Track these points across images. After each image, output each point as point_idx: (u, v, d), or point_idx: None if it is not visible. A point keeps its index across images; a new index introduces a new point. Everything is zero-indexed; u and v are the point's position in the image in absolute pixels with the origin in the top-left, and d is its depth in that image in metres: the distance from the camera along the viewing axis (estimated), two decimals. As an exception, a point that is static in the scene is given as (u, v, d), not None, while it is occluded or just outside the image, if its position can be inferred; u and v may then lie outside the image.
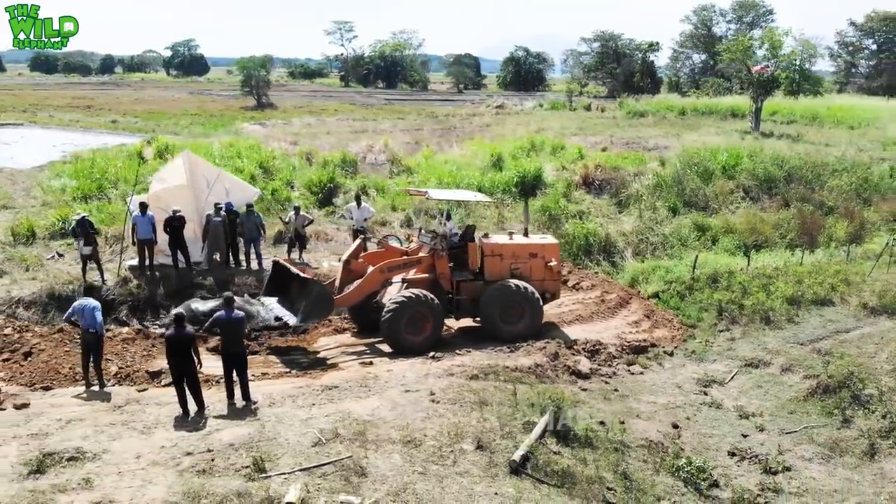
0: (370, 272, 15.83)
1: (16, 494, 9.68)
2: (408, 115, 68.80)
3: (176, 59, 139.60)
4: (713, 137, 45.22)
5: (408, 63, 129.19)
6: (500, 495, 9.81)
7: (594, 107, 75.46)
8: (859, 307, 17.70)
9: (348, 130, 53.15)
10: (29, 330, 16.18)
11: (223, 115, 64.41)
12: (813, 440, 12.87)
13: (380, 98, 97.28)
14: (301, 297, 15.36)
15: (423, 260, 16.22)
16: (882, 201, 27.92)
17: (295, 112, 70.03)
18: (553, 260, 16.62)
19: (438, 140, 45.30)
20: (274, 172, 29.83)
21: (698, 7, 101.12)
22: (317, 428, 11.55)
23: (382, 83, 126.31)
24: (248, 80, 76.65)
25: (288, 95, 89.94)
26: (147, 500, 9.64)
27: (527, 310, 15.96)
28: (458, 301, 16.21)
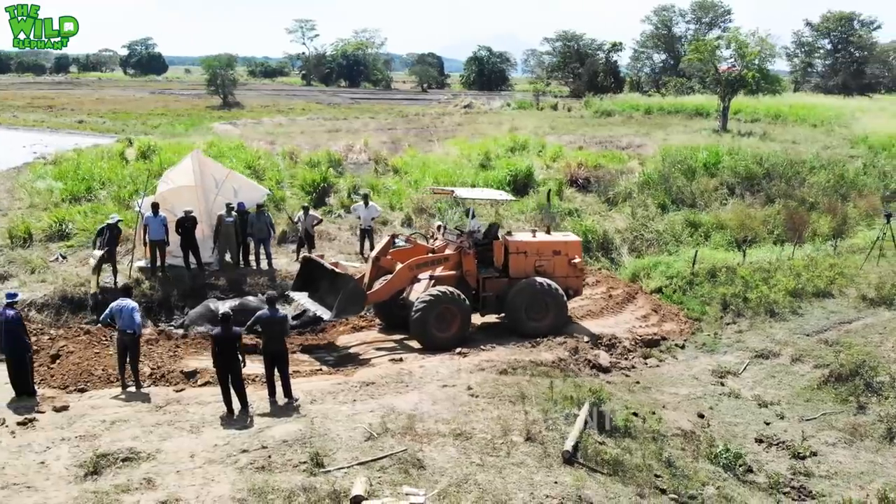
0: (399, 269, 16.09)
1: (79, 496, 9.73)
2: (378, 114, 68.78)
3: (133, 58, 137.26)
4: (682, 136, 46.12)
5: (370, 62, 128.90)
6: (559, 484, 10.13)
7: (560, 106, 76.23)
8: (858, 299, 18.45)
9: (322, 130, 52.96)
10: (44, 332, 16.12)
11: (190, 115, 63.74)
12: (832, 426, 13.44)
13: (345, 97, 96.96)
14: (332, 292, 15.54)
15: (449, 257, 16.51)
16: (859, 197, 28.92)
17: (263, 111, 69.61)
18: (576, 257, 17.01)
19: (415, 139, 45.47)
20: (261, 172, 29.74)
21: (658, 7, 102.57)
22: (365, 423, 11.77)
23: (345, 82, 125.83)
24: (213, 79, 75.85)
25: (251, 94, 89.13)
26: (213, 497, 9.76)
27: (552, 307, 16.31)
28: (483, 297, 16.51)
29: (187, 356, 15.09)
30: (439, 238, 17.61)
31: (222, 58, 77.35)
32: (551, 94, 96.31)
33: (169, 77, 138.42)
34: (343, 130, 52.40)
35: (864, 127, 47.15)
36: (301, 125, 56.74)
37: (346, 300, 15.06)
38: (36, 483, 10.03)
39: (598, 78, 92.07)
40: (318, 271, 16.45)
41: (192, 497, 9.76)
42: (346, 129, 53.97)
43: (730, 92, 52.82)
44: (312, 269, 16.66)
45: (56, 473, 10.31)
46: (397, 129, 54.74)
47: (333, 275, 15.78)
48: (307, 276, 16.69)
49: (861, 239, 24.19)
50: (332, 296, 15.48)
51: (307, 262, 17.12)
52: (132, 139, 39.78)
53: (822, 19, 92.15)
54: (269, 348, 12.54)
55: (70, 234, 21.82)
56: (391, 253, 16.76)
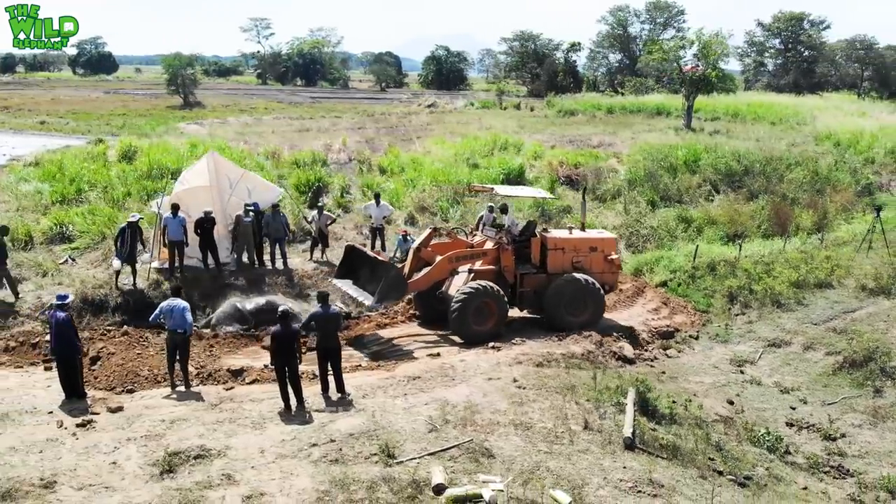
0: (439, 261, 16.52)
1: (162, 494, 9.83)
2: (343, 113, 68.59)
3: (82, 57, 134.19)
4: (649, 135, 47.14)
5: (327, 61, 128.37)
6: (628, 469, 10.58)
7: (523, 106, 77.07)
8: (858, 289, 19.32)
9: (291, 129, 52.69)
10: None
11: (152, 115, 62.83)
12: (854, 409, 14.17)
13: (305, 96, 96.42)
14: (374, 280, 15.91)
15: (488, 252, 16.90)
16: (834, 192, 30.09)
17: (225, 111, 68.95)
18: (613, 253, 17.50)
19: (390, 139, 45.63)
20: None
21: (614, 7, 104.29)
22: (423, 415, 12.07)
23: (301, 81, 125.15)
24: (174, 78, 74.82)
25: (209, 93, 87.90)
26: (296, 490, 9.96)
27: (590, 302, 16.79)
28: (521, 293, 16.93)
29: (224, 355, 15.20)
30: (477, 233, 18.04)
31: (182, 57, 76.26)
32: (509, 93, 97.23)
33: (120, 77, 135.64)
34: (313, 130, 52.23)
35: (823, 125, 48.84)
36: (269, 125, 56.32)
37: (387, 287, 15.43)
38: (113, 483, 10.10)
39: (558, 78, 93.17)
40: (359, 260, 16.78)
41: (275, 491, 9.95)
42: (315, 128, 53.78)
43: (694, 91, 54.13)
44: (355, 257, 16.98)
45: (130, 473, 10.38)
46: (367, 128, 54.68)
47: (375, 263, 16.11)
48: (350, 264, 17.02)
49: (844, 232, 25.25)
50: (373, 283, 15.93)
51: (350, 250, 17.47)
52: (103, 140, 39.45)
53: (774, 19, 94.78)
54: (323, 344, 12.74)
55: (71, 236, 21.65)
56: (432, 245, 17.13)
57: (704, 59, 53.88)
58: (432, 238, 17.42)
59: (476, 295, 15.90)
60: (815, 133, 44.50)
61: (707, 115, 62.35)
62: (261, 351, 15.80)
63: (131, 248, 17.47)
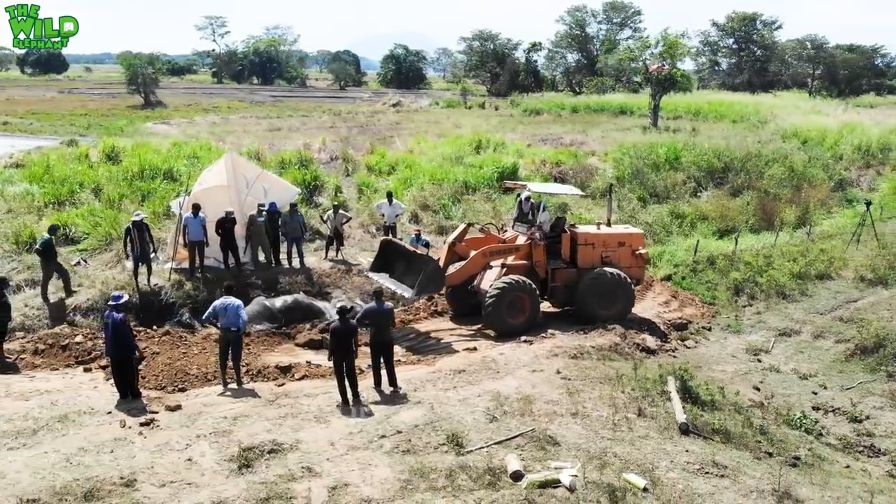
0: (473, 255, 16.95)
1: (248, 488, 10.02)
2: (309, 112, 68.36)
3: (31, 56, 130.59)
4: (618, 133, 48.17)
5: (284, 59, 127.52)
6: (691, 452, 11.10)
7: (488, 105, 77.71)
8: (857, 280, 20.21)
9: (262, 129, 52.38)
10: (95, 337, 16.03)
11: (114, 115, 61.84)
12: (871, 392, 14.93)
13: (265, 95, 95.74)
14: (410, 273, 16.33)
15: (521, 247, 17.31)
16: (811, 188, 31.23)
17: (188, 110, 68.15)
18: (640, 248, 18.03)
19: (362, 137, 45.73)
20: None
21: (572, 8, 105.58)
22: (481, 406, 12.44)
23: (257, 80, 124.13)
24: (134, 78, 73.65)
25: (166, 92, 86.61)
26: (378, 479, 10.24)
27: (621, 295, 17.29)
28: (552, 288, 17.37)
29: (262, 353, 15.31)
30: (509, 229, 18.46)
31: (142, 56, 75.19)
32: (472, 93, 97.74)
33: (70, 76, 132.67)
34: (284, 129, 52.07)
35: (788, 123, 50.39)
36: (237, 124, 55.92)
37: (426, 279, 15.76)
38: (194, 479, 10.24)
39: (520, 78, 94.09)
40: (394, 253, 17.09)
41: (358, 481, 10.21)
42: (286, 127, 53.62)
43: (660, 91, 55.35)
44: (389, 251, 17.32)
45: (209, 469, 10.53)
46: (338, 127, 54.65)
47: (414, 256, 16.48)
48: (384, 258, 17.37)
49: (829, 226, 26.31)
50: (409, 276, 16.30)
51: (385, 244, 17.84)
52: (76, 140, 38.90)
53: (728, 19, 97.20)
54: (377, 339, 12.99)
55: (75, 238, 21.45)
56: (466, 240, 17.54)
57: (671, 59, 55.15)
58: (466, 233, 17.80)
59: (510, 289, 16.33)
60: (780, 131, 45.86)
61: (669, 113, 63.75)
62: (295, 348, 16.00)
63: (142, 247, 17.45)
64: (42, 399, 12.62)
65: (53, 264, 17.11)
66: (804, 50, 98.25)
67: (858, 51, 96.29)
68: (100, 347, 15.53)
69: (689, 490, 10.03)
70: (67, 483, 9.97)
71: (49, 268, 17.05)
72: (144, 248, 17.70)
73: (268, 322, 16.72)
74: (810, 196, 30.16)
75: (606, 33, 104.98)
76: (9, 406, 12.36)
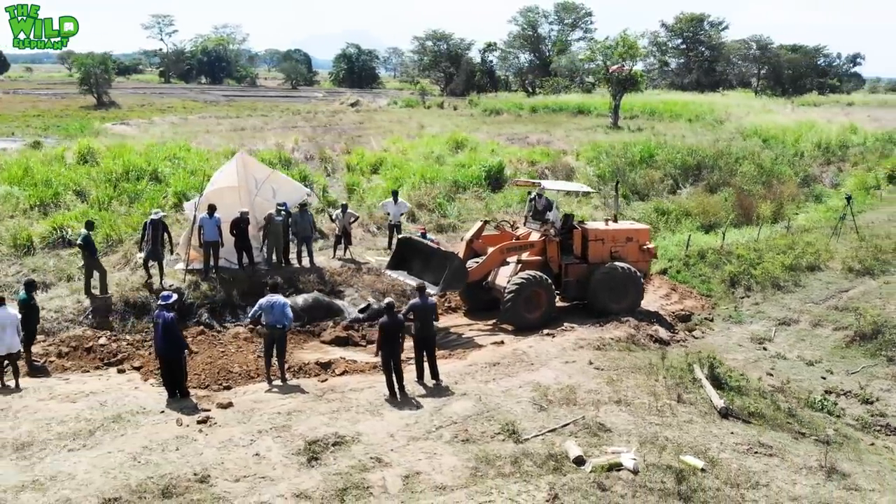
0: (491, 252, 17.39)
1: (324, 479, 10.29)
2: (268, 112, 67.88)
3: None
4: (581, 133, 49.10)
5: (233, 58, 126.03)
6: (736, 434, 11.73)
7: (446, 105, 78.18)
8: (845, 271, 21.24)
9: (225, 129, 51.81)
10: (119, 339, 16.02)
11: (69, 115, 60.57)
12: (876, 376, 15.78)
13: (217, 94, 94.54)
14: (429, 269, 16.72)
15: (535, 244, 17.77)
16: (780, 184, 32.50)
17: (142, 111, 67.02)
18: (647, 243, 18.65)
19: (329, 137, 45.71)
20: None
21: (524, 8, 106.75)
22: (525, 397, 12.88)
23: (206, 79, 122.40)
24: (86, 78, 72.15)
25: (116, 92, 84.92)
26: (447, 467, 10.61)
27: (631, 289, 17.87)
28: (565, 283, 17.86)
29: (294, 351, 15.44)
30: (520, 226, 18.90)
31: (95, 56, 73.56)
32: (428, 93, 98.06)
33: (11, 76, 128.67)
34: (248, 129, 51.68)
35: (746, 121, 52.05)
36: (198, 124, 55.21)
37: (451, 276, 16.11)
38: (267, 473, 10.45)
39: (476, 78, 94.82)
40: (411, 251, 17.41)
41: (428, 469, 10.55)
42: (249, 127, 53.21)
43: (620, 91, 56.62)
44: (406, 248, 17.66)
45: (279, 462, 10.74)
46: (301, 127, 54.39)
47: (436, 253, 16.84)
48: (401, 255, 17.69)
49: (805, 220, 27.48)
50: (428, 273, 16.59)
51: (403, 242, 18.10)
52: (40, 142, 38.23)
53: (676, 20, 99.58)
54: (421, 333, 13.31)
55: (72, 240, 21.17)
56: (482, 237, 18.03)
57: (631, 60, 56.50)
58: (483, 230, 18.21)
59: (528, 284, 16.80)
60: (740, 130, 47.37)
61: (625, 113, 65.11)
62: (322, 346, 16.20)
63: (154, 246, 17.48)
64: (89, 400, 12.63)
65: (94, 259, 17.08)
66: (748, 50, 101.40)
67: (802, 51, 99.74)
68: (126, 349, 15.60)
69: (744, 468, 10.63)
70: (142, 481, 10.10)
71: (91, 263, 17.04)
72: (156, 248, 17.69)
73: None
74: (782, 192, 31.40)
75: (558, 34, 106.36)
76: (57, 408, 12.36)
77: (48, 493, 9.83)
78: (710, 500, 9.79)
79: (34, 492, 9.85)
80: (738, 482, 10.25)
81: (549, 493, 9.88)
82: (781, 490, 10.15)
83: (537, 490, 10.00)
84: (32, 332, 14.52)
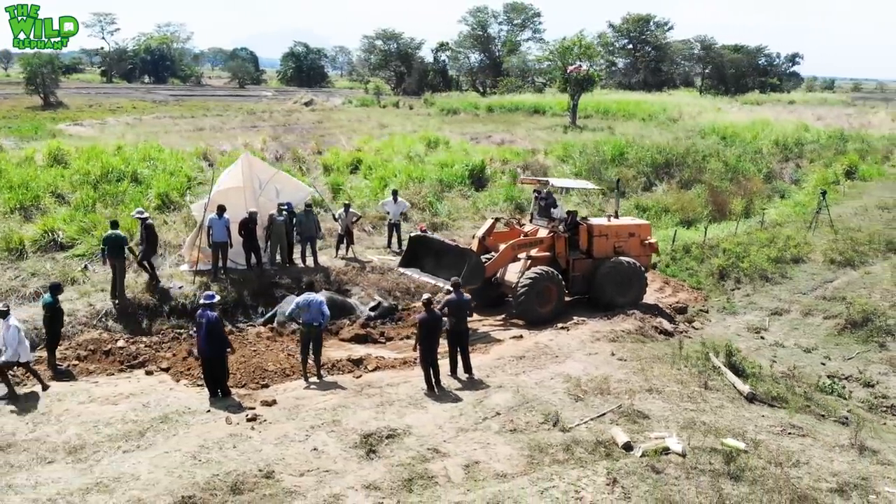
0: (503, 249, 17.91)
1: (388, 470, 10.56)
2: (223, 112, 67.13)
3: None
4: (541, 132, 49.98)
5: (177, 57, 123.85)
6: (767, 417, 12.38)
7: (402, 104, 78.32)
8: (827, 262, 22.29)
9: (184, 129, 51.22)
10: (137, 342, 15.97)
11: (16, 116, 58.95)
12: (871, 361, 16.67)
13: (164, 94, 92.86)
14: (443, 267, 17.14)
15: (544, 240, 18.26)
16: (746, 181, 33.68)
17: (92, 111, 65.65)
18: (649, 238, 19.28)
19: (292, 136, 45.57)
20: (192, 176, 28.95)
21: (473, 8, 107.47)
22: (559, 388, 13.31)
23: (150, 78, 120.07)
24: (32, 77, 70.34)
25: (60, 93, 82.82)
26: (503, 456, 10.97)
27: (635, 283, 18.47)
28: (572, 277, 18.36)
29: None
30: (526, 223, 19.39)
31: (43, 56, 71.49)
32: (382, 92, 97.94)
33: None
34: (207, 129, 51.17)
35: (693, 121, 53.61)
36: (154, 124, 54.43)
37: (469, 273, 16.44)
38: (330, 467, 10.66)
39: (429, 77, 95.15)
40: (423, 249, 17.77)
41: (486, 458, 10.90)
42: (208, 127, 52.69)
43: (578, 91, 57.66)
44: (418, 247, 18.00)
45: (339, 456, 10.96)
46: (260, 126, 54.02)
47: (452, 251, 17.28)
48: (413, 253, 18.05)
49: (777, 215, 28.62)
50: (443, 270, 17.02)
51: (416, 239, 18.42)
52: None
53: (623, 21, 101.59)
54: (457, 328, 13.65)
55: (64, 243, 20.88)
56: (493, 234, 18.56)
57: (588, 60, 57.62)
58: (494, 228, 18.68)
59: (540, 279, 17.31)
60: (696, 128, 48.76)
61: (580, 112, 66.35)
62: (343, 343, 16.37)
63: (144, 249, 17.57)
64: (131, 402, 12.62)
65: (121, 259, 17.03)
66: (690, 50, 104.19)
67: (743, 51, 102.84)
68: (145, 351, 15.54)
69: (783, 448, 11.25)
70: (209, 479, 10.21)
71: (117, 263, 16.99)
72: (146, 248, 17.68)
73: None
74: (750, 188, 32.57)
75: (507, 34, 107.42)
76: (100, 411, 12.32)
77: (115, 493, 9.87)
78: (758, 479, 10.34)
79: (101, 493, 9.89)
80: (780, 461, 10.84)
81: (607, 478, 10.31)
82: (821, 467, 10.79)
83: (595, 475, 10.42)
84: (57, 336, 14.42)
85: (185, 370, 14.20)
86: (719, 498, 9.72)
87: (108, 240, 16.91)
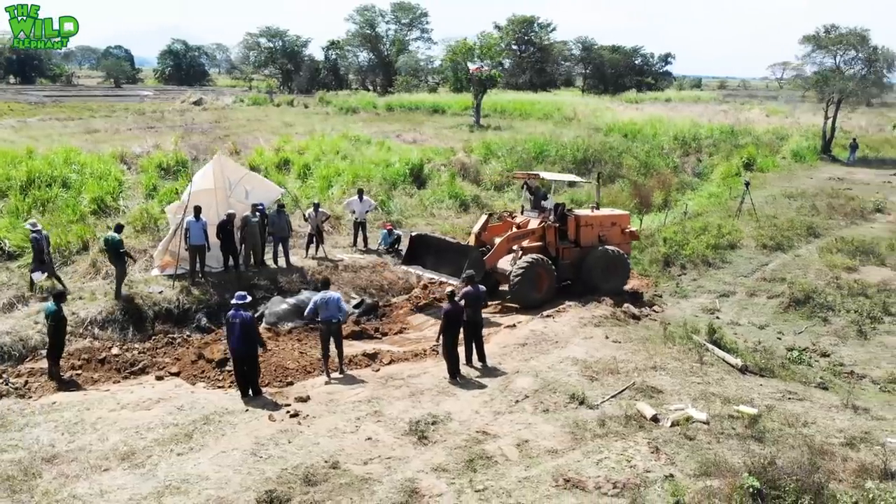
0: (500, 242, 18.93)
1: (447, 453, 11.13)
2: (112, 113, 64.44)
3: None
4: (449, 131, 51.15)
5: (44, 56, 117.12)
6: (764, 385, 13.68)
7: (297, 103, 77.44)
8: (760, 247, 24.24)
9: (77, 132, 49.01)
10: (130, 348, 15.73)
11: None
12: (819, 335, 18.38)
13: (38, 95, 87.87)
14: (444, 262, 18.01)
15: (535, 231, 19.14)
16: (660, 175, 35.85)
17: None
18: (629, 227, 20.47)
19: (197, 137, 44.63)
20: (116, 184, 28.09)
21: (360, 7, 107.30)
22: (571, 371, 14.18)
23: (15, 78, 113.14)
24: None
25: (-81, 95, 77.26)
26: (548, 434, 11.73)
27: (619, 269, 19.60)
28: (561, 264, 19.26)
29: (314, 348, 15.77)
30: (517, 215, 20.24)
31: None
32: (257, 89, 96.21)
33: None
34: (101, 131, 49.16)
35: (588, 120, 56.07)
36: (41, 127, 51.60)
37: (471, 266, 17.06)
38: (391, 454, 11.10)
39: (320, 75, 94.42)
40: (423, 247, 18.39)
41: (533, 437, 11.62)
42: (103, 129, 50.59)
43: (481, 90, 59.08)
44: (419, 245, 18.70)
45: (394, 444, 11.42)
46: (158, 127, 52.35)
47: (451, 247, 18.18)
48: (413, 251, 18.75)
49: (696, 206, 30.70)
50: (445, 266, 17.87)
51: (416, 238, 19.10)
52: None
53: (508, 22, 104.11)
54: (473, 319, 14.25)
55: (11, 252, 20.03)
56: (488, 228, 19.51)
57: (490, 60, 59.13)
58: (489, 223, 19.63)
59: (533, 266, 18.28)
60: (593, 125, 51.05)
61: (478, 112, 67.87)
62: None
63: (49, 258, 17.27)
64: (164, 407, 12.54)
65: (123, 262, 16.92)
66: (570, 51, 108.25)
67: (621, 51, 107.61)
68: (141, 357, 15.29)
69: (790, 412, 12.53)
70: (279, 473, 10.46)
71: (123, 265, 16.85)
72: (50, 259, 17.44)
73: (298, 319, 17.06)
74: (665, 182, 34.71)
75: (396, 33, 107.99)
76: (135, 416, 12.21)
77: (191, 494, 9.96)
78: (778, 439, 11.54)
79: (175, 496, 9.93)
80: (791, 422, 12.11)
81: (649, 446, 11.24)
82: (827, 425, 12.12)
83: (638, 445, 11.32)
84: (61, 345, 14.03)
85: (199, 373, 14.15)
86: (754, 457, 10.78)
87: (104, 243, 16.62)
